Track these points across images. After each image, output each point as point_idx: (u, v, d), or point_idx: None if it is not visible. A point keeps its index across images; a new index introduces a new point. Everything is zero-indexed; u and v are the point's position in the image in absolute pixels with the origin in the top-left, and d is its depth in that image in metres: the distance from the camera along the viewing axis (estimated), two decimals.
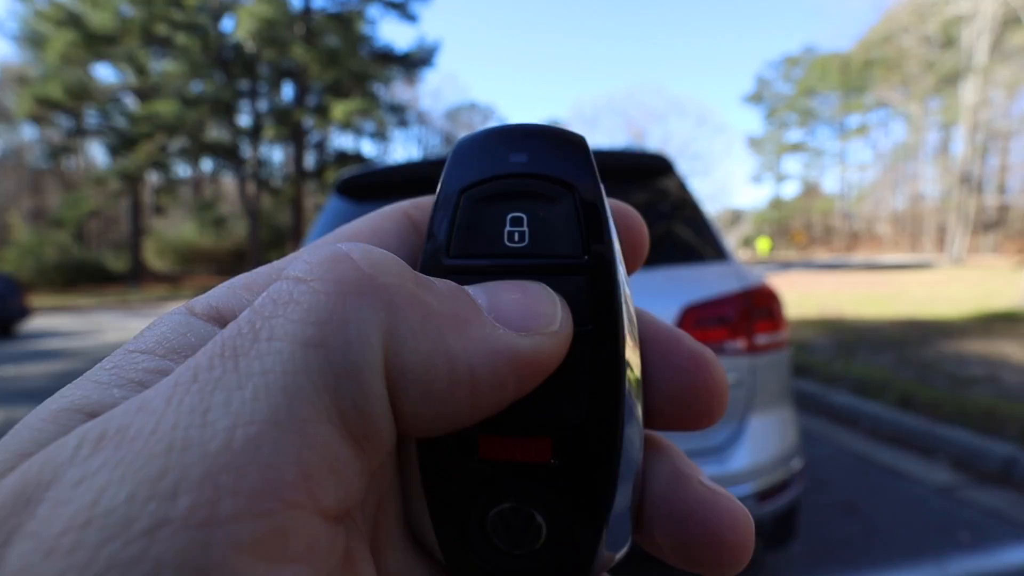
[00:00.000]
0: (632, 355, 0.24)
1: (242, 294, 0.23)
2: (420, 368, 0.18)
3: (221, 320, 0.22)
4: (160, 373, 0.19)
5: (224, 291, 0.23)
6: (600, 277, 0.24)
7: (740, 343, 2.09)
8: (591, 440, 0.22)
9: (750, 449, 2.07)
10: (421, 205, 0.29)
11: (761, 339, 2.13)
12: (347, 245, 0.20)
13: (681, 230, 2.40)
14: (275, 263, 0.25)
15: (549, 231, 0.25)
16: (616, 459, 0.22)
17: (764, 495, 2.06)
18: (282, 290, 0.18)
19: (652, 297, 2.09)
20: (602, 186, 0.26)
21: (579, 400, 0.23)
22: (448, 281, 0.22)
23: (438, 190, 0.26)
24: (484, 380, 0.19)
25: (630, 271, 0.28)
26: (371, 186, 2.54)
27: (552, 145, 0.26)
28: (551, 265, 0.24)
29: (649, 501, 0.24)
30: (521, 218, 0.25)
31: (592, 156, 0.26)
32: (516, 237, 0.25)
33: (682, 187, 2.50)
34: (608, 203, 0.26)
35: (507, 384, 0.20)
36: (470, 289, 0.22)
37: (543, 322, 0.21)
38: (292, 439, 0.15)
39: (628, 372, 0.23)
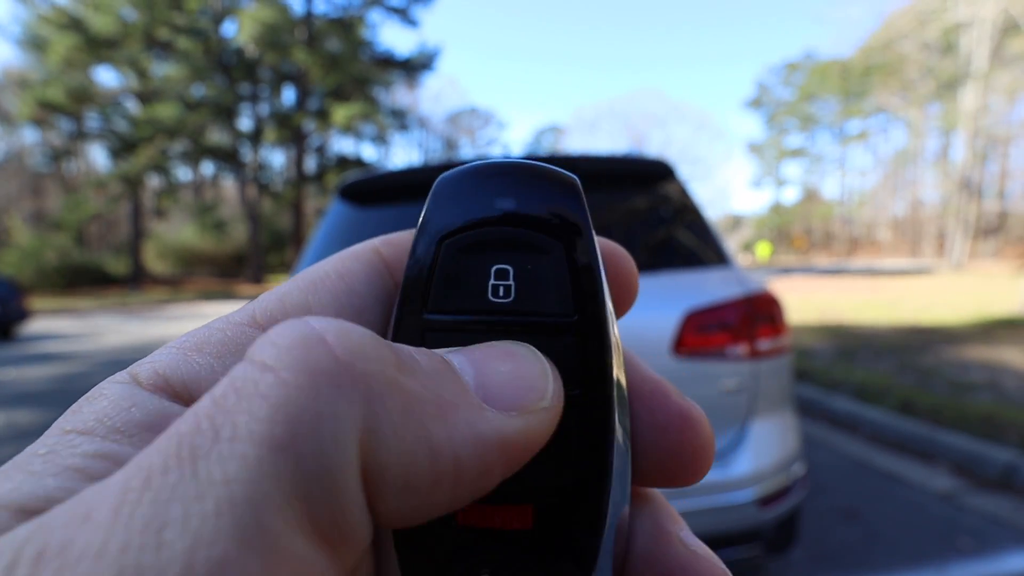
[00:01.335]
0: (621, 417, 0.23)
1: (193, 358, 0.21)
2: (400, 464, 0.17)
3: (170, 390, 0.20)
4: (103, 458, 0.17)
5: (172, 354, 0.21)
6: (591, 338, 0.23)
7: (742, 348, 2.10)
8: (576, 507, 0.22)
9: (752, 454, 2.08)
10: (394, 242, 0.27)
11: (763, 344, 2.13)
12: (320, 323, 0.18)
13: (683, 235, 2.40)
14: (231, 315, 0.23)
15: (537, 286, 0.23)
16: (601, 526, 0.22)
17: (766, 500, 2.06)
18: (247, 378, 0.16)
19: (654, 303, 2.09)
20: (595, 237, 0.24)
21: (564, 466, 0.22)
22: (434, 356, 0.20)
23: (416, 234, 0.24)
24: (470, 469, 0.18)
25: (618, 315, 0.26)
26: (374, 191, 2.55)
27: (542, 188, 0.24)
28: (538, 324, 0.23)
29: (630, 557, 0.23)
30: (507, 271, 0.23)
31: (585, 202, 0.24)
32: (501, 292, 0.23)
33: (683, 192, 2.51)
34: (600, 253, 0.24)
35: (494, 470, 0.19)
36: (456, 360, 0.20)
37: (534, 397, 0.20)
38: (261, 559, 0.14)
39: (617, 435, 0.22)
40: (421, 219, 0.24)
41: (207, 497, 0.14)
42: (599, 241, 0.25)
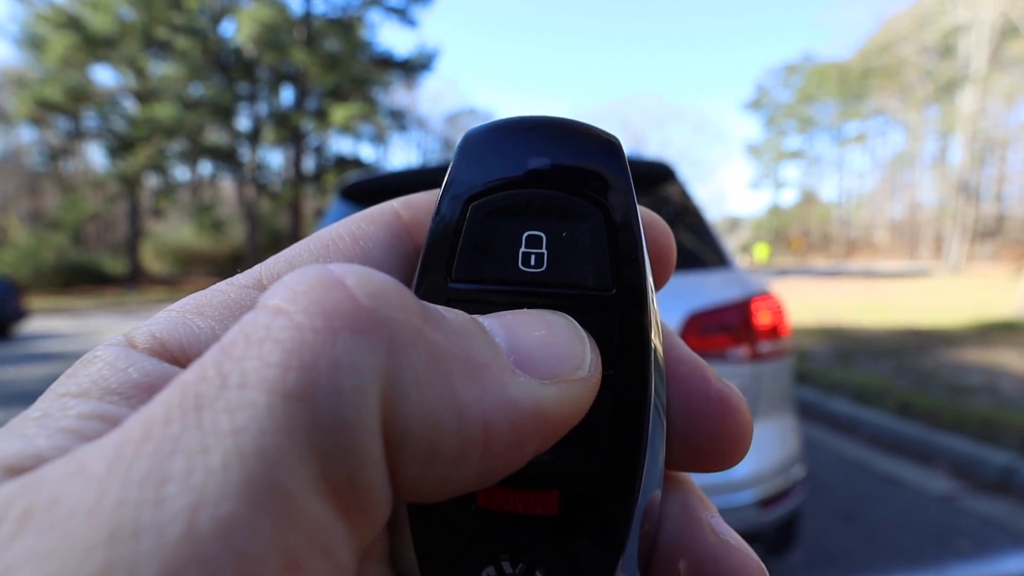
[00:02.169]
0: (658, 395, 0.21)
1: (192, 320, 0.20)
2: (424, 424, 0.15)
3: (167, 354, 0.19)
4: (98, 418, 0.16)
5: (170, 318, 0.20)
6: (629, 316, 0.21)
7: (743, 350, 2.10)
8: (605, 495, 0.20)
9: (753, 456, 2.07)
10: (414, 204, 0.25)
11: (764, 347, 2.13)
12: (339, 267, 0.16)
13: (684, 237, 2.40)
14: (236, 278, 0.22)
15: (572, 256, 0.21)
16: (630, 514, 0.20)
17: (766, 502, 2.06)
18: (258, 323, 0.15)
19: None
20: (637, 203, 0.22)
21: (595, 450, 0.20)
22: (461, 313, 0.19)
23: (441, 194, 0.22)
24: (501, 438, 0.16)
25: (656, 289, 0.24)
26: (375, 191, 2.55)
27: (580, 148, 0.22)
28: (573, 297, 0.21)
29: (659, 543, 0.22)
30: (539, 238, 0.21)
31: (627, 164, 0.22)
32: (532, 261, 0.21)
33: (684, 194, 2.51)
34: (642, 222, 0.22)
35: (527, 442, 0.17)
36: (486, 322, 0.19)
37: (570, 366, 0.19)
38: (273, 520, 0.12)
39: (653, 416, 0.21)
40: (446, 178, 0.22)
41: (213, 449, 0.12)
42: (639, 210, 0.23)
